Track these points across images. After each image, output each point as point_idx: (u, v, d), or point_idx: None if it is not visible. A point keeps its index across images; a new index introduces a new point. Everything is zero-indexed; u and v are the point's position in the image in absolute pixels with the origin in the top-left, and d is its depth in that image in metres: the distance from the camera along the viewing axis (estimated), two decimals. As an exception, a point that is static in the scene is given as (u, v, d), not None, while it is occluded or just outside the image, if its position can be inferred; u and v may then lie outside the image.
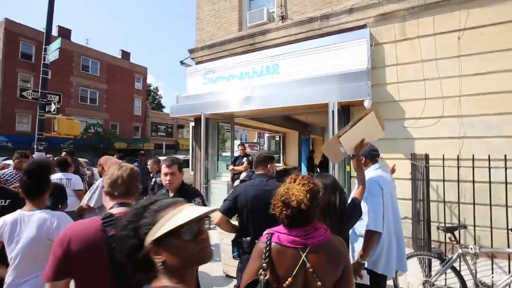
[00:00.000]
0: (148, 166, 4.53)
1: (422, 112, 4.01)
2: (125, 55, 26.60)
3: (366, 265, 1.93)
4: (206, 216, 0.82)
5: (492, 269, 2.96)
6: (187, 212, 0.78)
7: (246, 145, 8.08)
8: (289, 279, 1.15)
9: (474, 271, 2.48)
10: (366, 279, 1.97)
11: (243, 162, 5.50)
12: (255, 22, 5.55)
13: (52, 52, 6.46)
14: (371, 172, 2.16)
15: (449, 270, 2.54)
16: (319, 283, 1.15)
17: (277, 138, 10.75)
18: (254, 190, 2.06)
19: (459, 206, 3.20)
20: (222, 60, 5.80)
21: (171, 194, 2.14)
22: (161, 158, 4.48)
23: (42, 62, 6.66)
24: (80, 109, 22.51)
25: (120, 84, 25.19)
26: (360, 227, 1.99)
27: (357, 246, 2.01)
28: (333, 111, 4.09)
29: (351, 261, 1.69)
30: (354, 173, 4.33)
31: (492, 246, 3.16)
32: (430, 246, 3.00)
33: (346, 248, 1.33)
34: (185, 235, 0.75)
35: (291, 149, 10.54)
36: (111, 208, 1.36)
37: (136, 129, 27.27)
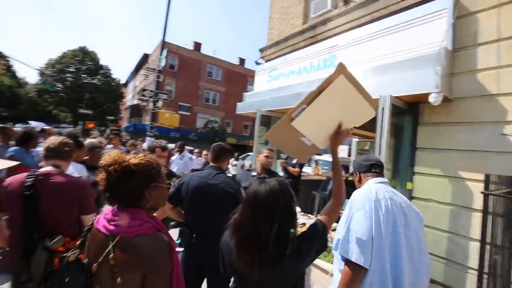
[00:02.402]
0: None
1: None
2: (242, 62, 30.08)
3: None
4: None
5: None
6: None
7: None
8: (95, 265, 1.08)
9: None
10: None
11: (293, 163, 5.20)
12: (319, 11, 5.07)
13: (162, 61, 8.22)
14: (368, 187, 1.51)
15: None
16: (119, 279, 1.02)
17: (367, 147, 9.32)
18: (198, 181, 1.98)
19: None
20: (284, 57, 5.65)
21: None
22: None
23: (157, 68, 8.60)
24: (204, 108, 27.30)
25: (235, 87, 28.73)
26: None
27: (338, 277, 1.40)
28: (383, 109, 3.21)
29: None
30: (416, 193, 3.28)
31: None
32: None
33: (164, 251, 1.09)
34: None
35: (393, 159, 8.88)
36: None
37: (246, 127, 30.35)
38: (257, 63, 7.18)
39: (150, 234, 1.09)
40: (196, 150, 8.75)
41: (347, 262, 1.31)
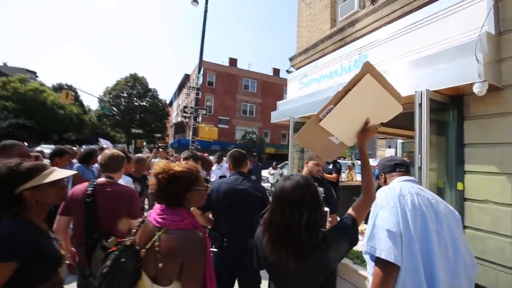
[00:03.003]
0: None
1: None
2: (276, 72, 30.44)
3: None
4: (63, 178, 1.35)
5: None
6: (58, 173, 1.30)
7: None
8: (143, 251, 1.28)
9: None
10: None
11: (330, 168, 5.08)
12: (347, 13, 5.01)
13: (200, 79, 8.82)
14: (394, 184, 1.48)
15: None
16: (160, 264, 1.20)
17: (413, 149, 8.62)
18: (226, 187, 2.10)
19: None
20: (313, 63, 5.65)
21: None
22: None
23: (195, 86, 9.21)
24: (241, 120, 28.10)
25: (271, 97, 29.06)
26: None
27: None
28: (420, 105, 3.01)
29: None
30: (469, 195, 2.98)
31: None
32: None
33: (198, 245, 1.25)
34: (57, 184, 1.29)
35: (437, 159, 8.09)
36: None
37: (284, 136, 30.32)
38: (288, 72, 7.27)
39: (188, 230, 1.27)
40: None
41: (377, 261, 1.24)
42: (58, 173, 1.30)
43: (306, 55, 6.09)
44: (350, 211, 1.34)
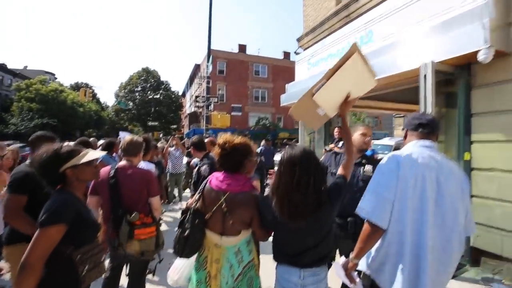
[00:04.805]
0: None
1: None
2: (286, 55, 29.85)
3: (363, 268, 1.48)
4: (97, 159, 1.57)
5: None
6: (92, 154, 1.50)
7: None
8: (209, 213, 1.57)
9: None
10: (359, 286, 1.45)
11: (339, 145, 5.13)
12: (351, -12, 4.89)
13: (209, 68, 8.93)
14: (406, 147, 1.49)
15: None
16: (231, 221, 1.50)
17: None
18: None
19: None
20: (321, 42, 5.60)
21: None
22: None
23: (206, 75, 9.35)
24: (254, 107, 28.08)
25: (282, 81, 28.46)
26: None
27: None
28: (425, 76, 2.99)
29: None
30: (476, 164, 2.99)
31: None
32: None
33: (258, 199, 1.54)
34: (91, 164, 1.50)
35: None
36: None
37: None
38: (296, 53, 7.21)
39: (248, 191, 1.55)
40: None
41: (366, 219, 1.35)
42: (92, 154, 1.53)
43: (313, 34, 6.02)
44: (340, 171, 1.52)
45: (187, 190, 6.59)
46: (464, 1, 2.89)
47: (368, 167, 2.17)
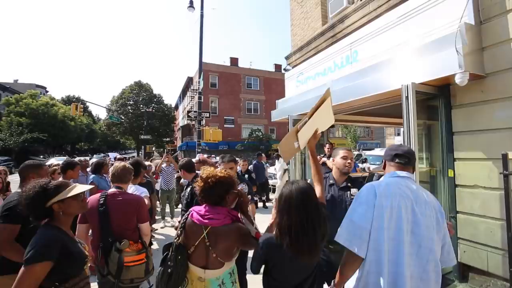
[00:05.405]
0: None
1: None
2: (278, 68, 30.40)
3: None
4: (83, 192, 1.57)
5: None
6: (78, 188, 1.52)
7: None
8: (192, 247, 1.59)
9: None
10: None
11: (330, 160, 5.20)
12: (336, 10, 5.11)
13: (200, 83, 9.04)
14: (384, 178, 1.57)
15: None
16: (214, 254, 1.53)
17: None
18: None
19: None
20: (308, 60, 5.78)
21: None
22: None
23: (198, 90, 9.44)
24: (246, 118, 28.26)
25: (275, 93, 29.07)
26: None
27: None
28: (407, 97, 3.12)
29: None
30: (460, 181, 3.09)
31: None
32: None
33: (243, 232, 1.58)
34: (78, 197, 1.51)
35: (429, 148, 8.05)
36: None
37: (290, 131, 30.33)
38: (285, 70, 7.42)
39: (230, 224, 1.57)
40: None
41: (346, 248, 1.40)
42: (79, 188, 1.54)
43: (300, 53, 6.21)
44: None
45: (179, 206, 6.55)
46: (443, 26, 3.07)
47: (354, 190, 2.22)
